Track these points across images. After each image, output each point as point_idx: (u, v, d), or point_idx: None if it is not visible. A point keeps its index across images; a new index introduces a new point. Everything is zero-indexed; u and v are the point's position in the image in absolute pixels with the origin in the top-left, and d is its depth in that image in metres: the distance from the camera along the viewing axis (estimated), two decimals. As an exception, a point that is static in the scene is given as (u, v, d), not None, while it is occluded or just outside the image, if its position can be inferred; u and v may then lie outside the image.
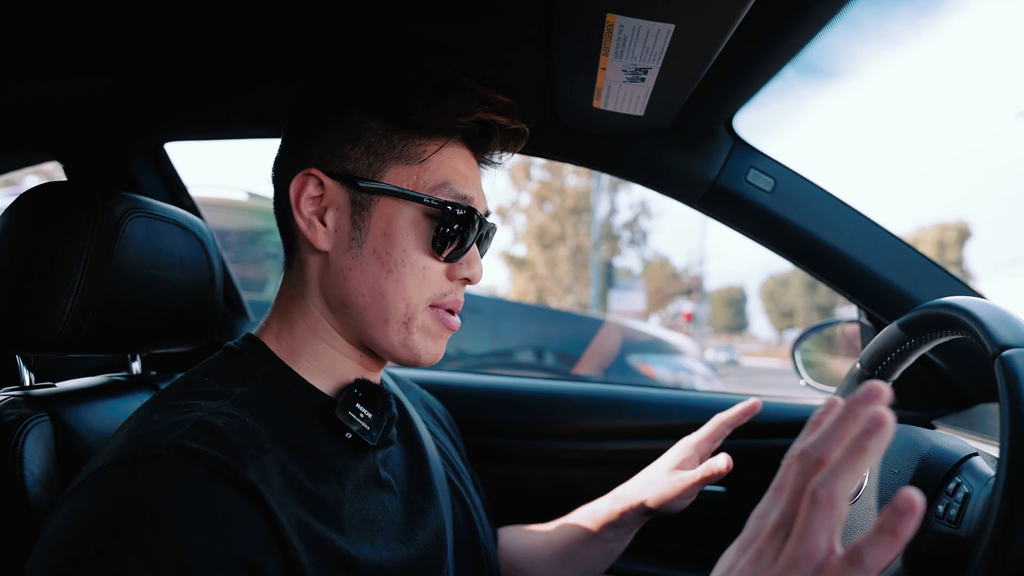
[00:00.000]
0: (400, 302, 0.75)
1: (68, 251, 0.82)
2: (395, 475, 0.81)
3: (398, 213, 0.75)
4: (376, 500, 0.75)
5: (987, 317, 0.70)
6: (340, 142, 0.76)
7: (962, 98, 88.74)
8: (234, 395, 0.69)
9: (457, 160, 0.79)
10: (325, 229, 0.76)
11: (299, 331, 0.78)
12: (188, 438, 0.60)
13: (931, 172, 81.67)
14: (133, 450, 0.60)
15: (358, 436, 0.74)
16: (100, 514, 0.56)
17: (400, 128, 0.76)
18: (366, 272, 0.74)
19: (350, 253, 0.75)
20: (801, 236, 1.21)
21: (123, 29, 0.93)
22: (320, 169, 0.75)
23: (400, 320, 0.75)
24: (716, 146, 1.20)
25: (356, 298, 0.75)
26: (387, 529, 0.74)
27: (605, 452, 1.51)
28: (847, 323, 1.54)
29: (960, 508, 0.67)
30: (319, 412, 0.74)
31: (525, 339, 5.54)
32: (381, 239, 0.74)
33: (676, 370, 5.86)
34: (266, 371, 0.74)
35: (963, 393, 1.26)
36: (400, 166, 0.75)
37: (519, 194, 21.32)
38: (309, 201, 0.76)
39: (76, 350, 0.85)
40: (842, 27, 0.91)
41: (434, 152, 0.76)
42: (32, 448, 0.76)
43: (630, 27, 0.76)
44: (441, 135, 0.77)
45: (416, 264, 0.75)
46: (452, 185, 0.76)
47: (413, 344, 0.76)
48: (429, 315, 0.77)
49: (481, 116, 0.77)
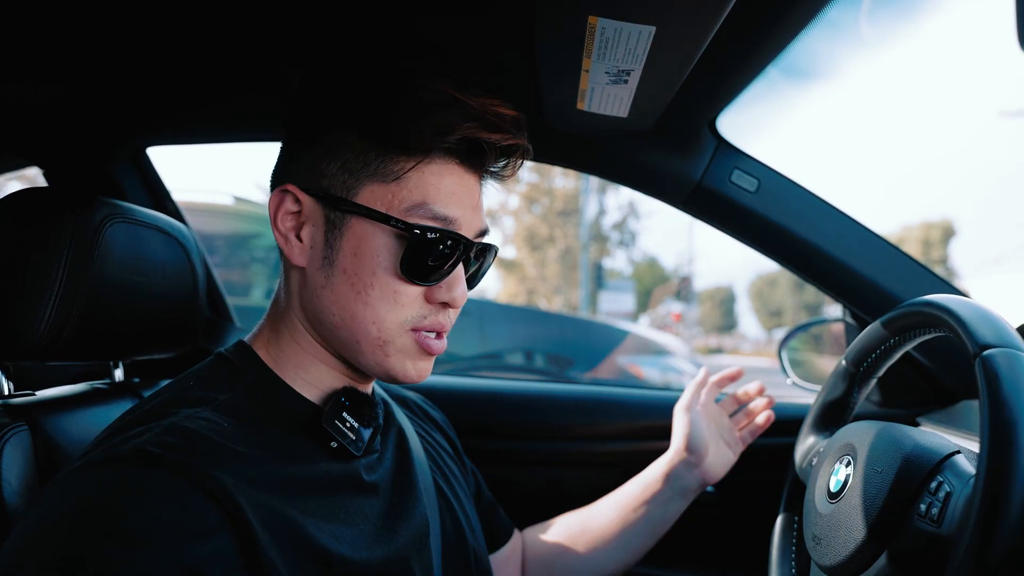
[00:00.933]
0: (371, 325, 0.72)
1: (47, 257, 0.81)
2: (380, 481, 0.80)
3: (369, 234, 0.72)
4: (356, 505, 0.74)
5: (968, 316, 0.71)
6: (320, 158, 0.74)
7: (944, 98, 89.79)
8: (217, 401, 0.69)
9: (442, 177, 0.74)
10: (301, 245, 0.75)
11: (285, 341, 0.78)
12: (153, 443, 0.60)
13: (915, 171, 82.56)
14: (98, 454, 0.60)
15: (343, 446, 0.74)
16: (58, 519, 0.56)
17: (378, 144, 0.72)
18: (337, 292, 0.73)
19: (323, 271, 0.74)
20: (785, 236, 1.22)
21: (104, 33, 0.92)
22: (298, 185, 0.74)
23: (373, 343, 0.73)
24: (700, 147, 1.20)
25: (329, 317, 0.74)
26: (366, 533, 0.73)
27: (595, 453, 1.51)
28: (833, 322, 1.55)
29: (942, 507, 0.67)
30: (305, 421, 0.74)
31: (514, 341, 5.54)
32: (351, 260, 0.72)
33: (665, 371, 5.87)
34: (251, 378, 0.74)
35: (947, 390, 1.28)
36: (375, 184, 0.72)
37: (508, 196, 21.34)
38: (287, 217, 0.75)
39: (56, 358, 0.84)
40: (822, 29, 0.92)
41: (410, 169, 0.72)
42: (11, 458, 0.75)
43: (612, 29, 0.76)
44: (419, 152, 0.72)
45: (386, 287, 0.72)
46: (430, 205, 0.72)
47: (390, 365, 0.75)
48: (409, 339, 0.74)
49: (467, 134, 0.72)
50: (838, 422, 0.98)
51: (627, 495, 1.16)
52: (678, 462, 1.14)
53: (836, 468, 0.83)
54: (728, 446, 1.17)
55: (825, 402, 0.99)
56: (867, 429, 0.82)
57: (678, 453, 1.15)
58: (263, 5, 0.85)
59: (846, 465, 0.81)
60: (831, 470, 0.84)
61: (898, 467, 0.73)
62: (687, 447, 1.13)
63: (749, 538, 1.34)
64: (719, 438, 1.17)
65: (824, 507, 0.82)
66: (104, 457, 0.59)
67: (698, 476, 1.14)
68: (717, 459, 1.15)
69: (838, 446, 0.86)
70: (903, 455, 0.74)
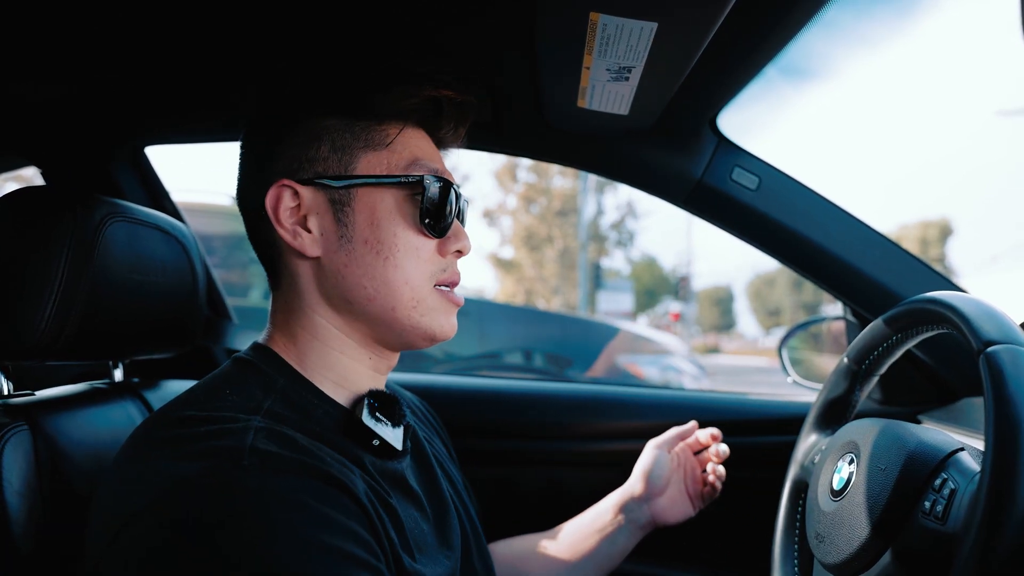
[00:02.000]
0: (403, 286, 0.75)
1: (47, 257, 0.80)
2: (419, 489, 0.81)
3: (379, 199, 0.75)
4: (410, 511, 0.75)
5: (972, 312, 0.71)
6: (302, 147, 0.75)
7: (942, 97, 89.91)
8: (264, 408, 0.67)
9: (420, 140, 0.80)
10: (311, 235, 0.75)
11: (304, 343, 0.76)
12: (264, 444, 0.60)
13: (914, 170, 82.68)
14: (208, 468, 0.57)
15: (385, 442, 0.73)
16: (198, 532, 0.54)
17: (360, 118, 0.76)
18: (362, 264, 0.74)
19: (342, 251, 0.74)
20: (786, 234, 1.22)
21: (103, 32, 0.92)
22: (291, 179, 0.75)
23: (407, 304, 0.75)
24: (700, 145, 1.20)
25: (358, 292, 0.74)
26: (423, 547, 0.74)
27: (595, 453, 1.51)
28: (833, 320, 1.55)
29: (946, 504, 0.67)
30: (341, 423, 0.73)
31: (513, 341, 5.54)
32: (369, 229, 0.74)
33: (665, 370, 5.87)
34: (283, 382, 0.72)
35: (948, 387, 1.28)
36: (369, 153, 0.76)
37: (506, 196, 21.33)
38: (288, 212, 0.75)
39: (56, 358, 0.84)
40: (821, 29, 0.92)
41: (397, 134, 0.77)
42: (11, 458, 0.75)
43: (613, 26, 0.76)
44: (399, 118, 0.77)
45: (409, 245, 0.75)
46: (423, 160, 0.77)
47: (427, 324, 0.77)
48: (436, 295, 0.78)
49: (430, 93, 0.78)
50: (840, 420, 0.97)
51: (580, 523, 1.14)
52: (631, 494, 1.10)
53: (839, 466, 0.82)
54: (689, 498, 1.12)
55: (827, 400, 0.99)
56: (870, 427, 0.82)
57: (632, 484, 1.11)
58: (261, 5, 0.85)
59: (849, 463, 0.81)
60: (834, 468, 0.84)
61: (902, 464, 0.73)
62: (644, 480, 1.09)
63: (751, 536, 1.34)
64: (681, 484, 1.11)
65: (827, 505, 0.81)
66: (220, 469, 0.57)
67: (648, 513, 1.10)
68: (673, 504, 1.10)
69: (841, 444, 0.86)
70: (907, 452, 0.74)
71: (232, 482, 0.56)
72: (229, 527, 0.54)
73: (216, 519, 0.54)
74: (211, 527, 0.54)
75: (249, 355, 0.76)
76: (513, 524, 1.53)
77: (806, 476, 0.97)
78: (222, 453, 0.59)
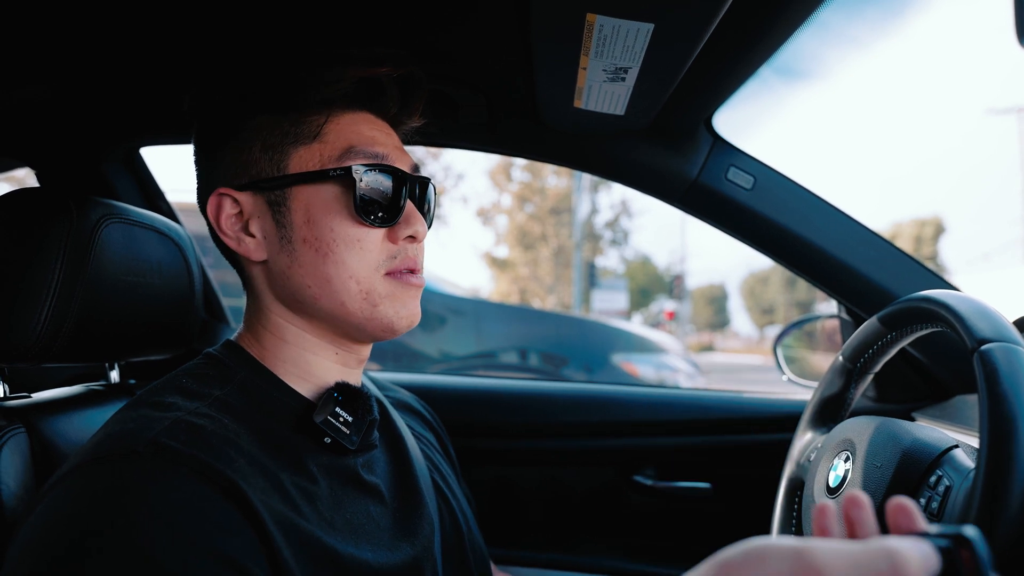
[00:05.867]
0: (348, 280, 0.73)
1: (42, 259, 0.80)
2: (382, 483, 0.80)
3: (314, 195, 0.73)
4: (359, 505, 0.74)
5: (965, 311, 0.71)
6: (238, 152, 0.75)
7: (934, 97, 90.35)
8: (212, 396, 0.68)
9: (358, 125, 0.77)
10: (255, 240, 0.75)
11: (268, 341, 0.77)
12: (168, 436, 0.59)
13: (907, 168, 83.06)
14: (111, 447, 0.59)
15: (337, 441, 0.73)
16: (74, 513, 0.55)
17: (287, 113, 0.74)
18: (305, 264, 0.73)
19: (284, 252, 0.74)
20: (781, 233, 1.23)
21: (97, 33, 0.91)
22: (227, 186, 0.75)
23: (357, 297, 0.74)
24: (696, 145, 1.21)
25: (305, 292, 0.74)
26: (372, 535, 0.73)
27: (591, 451, 1.51)
28: (827, 318, 1.55)
29: (941, 501, 0.68)
30: (298, 416, 0.73)
31: (509, 340, 5.53)
32: (307, 227, 0.73)
33: (660, 368, 5.88)
34: (244, 374, 0.74)
35: (942, 385, 1.28)
36: (300, 148, 0.74)
37: (500, 195, 21.32)
38: (231, 220, 0.75)
39: (52, 360, 0.84)
40: (814, 30, 0.92)
41: (324, 124, 0.75)
42: (8, 461, 0.75)
43: (610, 27, 0.76)
44: (324, 106, 0.75)
45: (349, 238, 0.73)
46: (358, 147, 0.75)
47: (382, 315, 0.75)
48: (387, 284, 0.75)
49: (360, 74, 0.75)
50: (836, 418, 0.98)
51: None
52: None
53: (835, 463, 0.83)
54: None
55: (823, 398, 0.99)
56: (865, 424, 0.83)
57: None
58: (254, 5, 0.85)
59: (845, 460, 0.81)
60: (830, 465, 0.84)
61: (897, 462, 0.73)
62: None
63: (747, 534, 1.34)
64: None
65: (823, 502, 0.82)
66: (117, 451, 0.58)
67: None
68: None
69: (837, 441, 0.86)
70: (902, 450, 0.74)
71: (117, 469, 0.57)
72: (97, 511, 0.54)
73: (88, 503, 0.55)
74: (81, 514, 0.55)
75: (217, 350, 0.77)
76: (509, 523, 1.54)
77: (802, 474, 0.97)
78: (124, 437, 0.60)
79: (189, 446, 0.59)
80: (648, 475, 1.50)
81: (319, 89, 0.74)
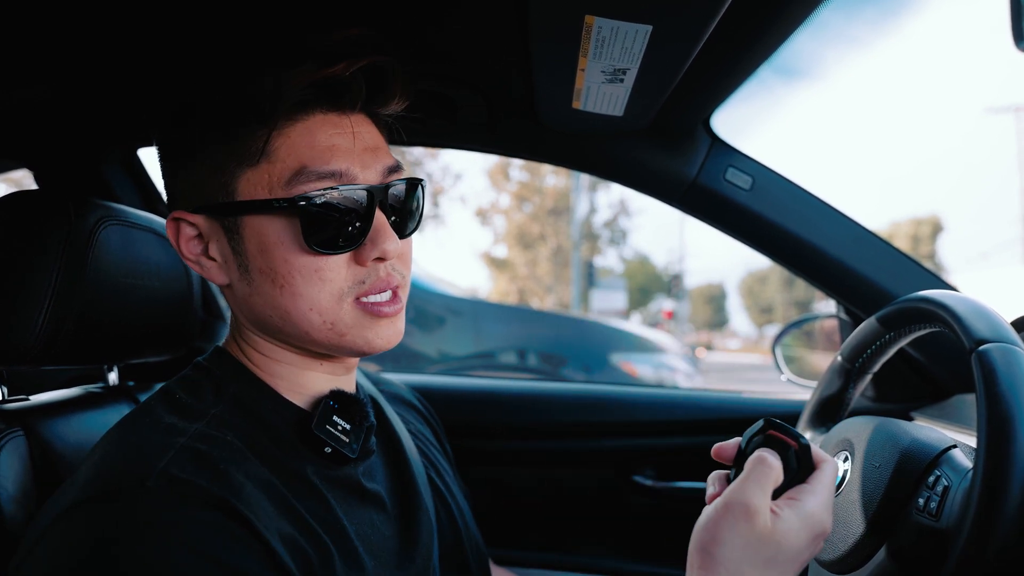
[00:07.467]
0: (309, 313, 0.68)
1: (41, 261, 0.80)
2: (382, 487, 0.79)
3: (264, 225, 0.67)
4: (364, 516, 0.74)
5: (963, 311, 0.72)
6: (193, 173, 0.70)
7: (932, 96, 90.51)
8: (209, 415, 0.67)
9: (312, 134, 0.67)
10: (215, 263, 0.71)
11: (253, 354, 0.75)
12: (176, 467, 0.58)
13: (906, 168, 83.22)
14: (114, 481, 0.57)
15: (337, 450, 0.71)
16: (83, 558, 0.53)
17: (231, 132, 0.67)
18: (263, 295, 0.69)
19: (244, 280, 0.70)
20: (779, 233, 1.23)
21: (95, 34, 0.91)
22: (185, 208, 0.71)
23: (321, 328, 0.69)
24: (694, 145, 1.21)
25: (269, 320, 0.70)
26: (380, 549, 0.73)
27: (590, 451, 1.51)
28: (826, 318, 1.56)
29: (940, 501, 0.68)
30: (296, 428, 0.72)
31: (507, 340, 5.52)
32: (261, 257, 0.68)
33: (658, 368, 5.88)
34: (236, 388, 0.72)
35: (940, 385, 1.29)
36: (248, 171, 0.67)
37: (499, 195, 21.32)
38: (191, 243, 0.71)
39: (51, 362, 0.84)
40: (813, 30, 0.92)
41: (270, 139, 0.66)
42: (7, 464, 0.75)
43: (608, 28, 0.76)
44: (269, 118, 0.66)
45: (306, 269, 0.67)
46: (311, 167, 0.66)
47: (349, 343, 0.70)
48: (354, 313, 0.69)
49: (310, 77, 0.65)
50: (834, 418, 0.98)
51: None
52: None
53: (834, 463, 0.83)
54: None
55: (821, 398, 1.00)
56: (864, 424, 0.83)
57: None
58: (252, 7, 0.85)
59: (844, 460, 0.82)
60: (829, 465, 0.84)
61: (896, 462, 0.74)
62: None
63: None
64: None
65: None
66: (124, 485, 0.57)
67: None
68: None
69: (835, 441, 0.86)
70: (901, 450, 0.74)
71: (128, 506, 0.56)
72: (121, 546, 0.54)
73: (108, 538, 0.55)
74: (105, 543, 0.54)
75: (207, 360, 0.75)
76: (509, 524, 1.54)
77: (801, 474, 0.97)
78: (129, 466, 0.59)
79: (198, 476, 0.59)
80: (648, 475, 1.50)
81: (257, 101, 0.65)
